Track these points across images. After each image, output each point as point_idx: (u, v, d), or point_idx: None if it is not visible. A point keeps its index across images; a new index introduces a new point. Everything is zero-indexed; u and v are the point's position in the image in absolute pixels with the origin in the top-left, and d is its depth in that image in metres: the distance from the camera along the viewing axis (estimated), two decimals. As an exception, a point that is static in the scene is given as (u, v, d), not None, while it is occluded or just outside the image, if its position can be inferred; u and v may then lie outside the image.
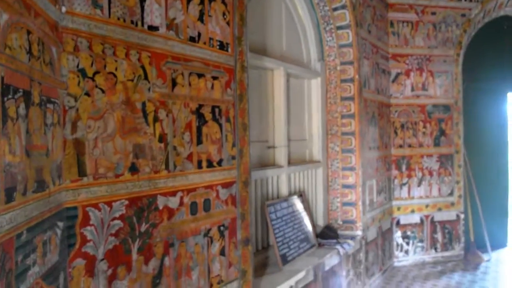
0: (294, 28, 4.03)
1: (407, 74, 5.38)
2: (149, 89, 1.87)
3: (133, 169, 1.78)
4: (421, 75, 5.43)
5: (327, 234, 4.06)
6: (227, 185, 2.38)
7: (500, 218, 5.98)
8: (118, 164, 1.71)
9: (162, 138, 1.94)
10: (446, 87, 5.50)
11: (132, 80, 1.79)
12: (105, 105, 1.66)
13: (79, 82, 1.56)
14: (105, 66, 1.66)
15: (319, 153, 4.31)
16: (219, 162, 2.33)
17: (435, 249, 5.43)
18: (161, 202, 1.93)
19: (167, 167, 1.97)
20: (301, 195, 3.87)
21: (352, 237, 4.13)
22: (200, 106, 2.19)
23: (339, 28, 4.26)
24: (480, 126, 5.89)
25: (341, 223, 4.32)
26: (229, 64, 2.40)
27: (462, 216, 5.53)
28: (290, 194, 3.71)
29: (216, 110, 2.31)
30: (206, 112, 2.23)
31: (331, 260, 3.60)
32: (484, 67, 5.87)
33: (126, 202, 1.75)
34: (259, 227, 3.36)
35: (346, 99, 4.34)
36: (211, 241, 2.25)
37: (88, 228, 1.57)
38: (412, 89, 5.41)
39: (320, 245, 3.81)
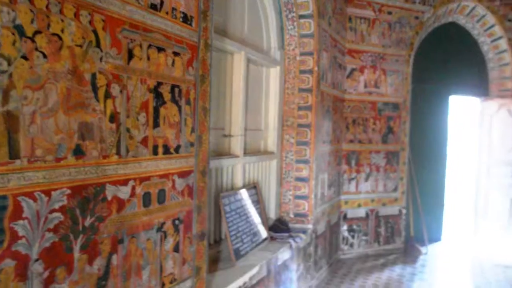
0: (256, 12, 3.84)
1: (362, 70, 5.44)
2: (101, 59, 1.59)
3: (78, 152, 1.51)
4: (375, 73, 5.51)
5: (279, 227, 3.97)
6: (184, 175, 2.16)
7: (437, 214, 6.31)
8: (59, 145, 1.43)
9: (113, 118, 1.67)
10: (396, 86, 5.64)
11: (81, 46, 1.50)
12: (46, 73, 1.36)
13: (14, 42, 1.26)
14: (48, 26, 1.36)
15: (274, 145, 4.19)
16: (177, 149, 2.09)
17: (378, 242, 5.60)
18: (110, 191, 1.67)
19: (118, 152, 1.71)
20: (255, 186, 3.73)
21: (304, 231, 4.08)
22: (159, 84, 1.94)
23: (301, 17, 4.15)
24: (423, 125, 6.14)
25: (292, 216, 4.25)
26: (192, 40, 2.16)
27: (404, 211, 5.75)
28: (245, 186, 3.55)
29: (176, 90, 2.07)
30: (165, 91, 1.98)
31: (283, 254, 3.51)
32: (430, 70, 6.12)
33: (68, 192, 1.47)
34: (211, 219, 3.16)
35: (304, 90, 4.25)
36: (165, 236, 2.02)
37: (20, 222, 1.29)
38: (365, 86, 5.48)
39: (272, 238, 3.70)
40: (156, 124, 1.93)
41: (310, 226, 4.21)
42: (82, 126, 1.51)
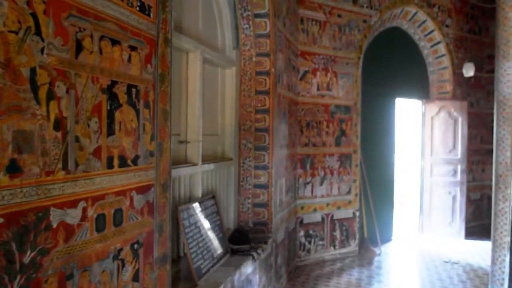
0: (210, 9, 3.59)
1: (314, 73, 5.38)
2: (42, 51, 1.25)
3: (14, 169, 1.16)
4: (327, 75, 5.49)
5: (239, 239, 3.72)
6: (143, 190, 1.85)
7: (387, 214, 6.45)
8: (-13, 161, 1.08)
9: (59, 125, 1.34)
10: (347, 88, 5.66)
11: (17, 33, 1.16)
12: (-34, 65, 1.02)
13: None
14: (-33, 2, 1.02)
15: (231, 150, 3.95)
16: (135, 160, 1.78)
17: (334, 246, 5.57)
18: (55, 217, 1.33)
19: (65, 167, 1.37)
20: (214, 196, 3.46)
21: (264, 240, 3.88)
22: (113, 83, 1.62)
23: (257, 16, 3.96)
24: (372, 127, 6.24)
25: (252, 225, 4.03)
26: (150, 33, 1.86)
27: (357, 213, 5.78)
28: (203, 196, 3.27)
29: (133, 90, 1.76)
30: (121, 92, 1.67)
31: (246, 268, 3.27)
32: (377, 73, 6.24)
33: (1, 220, 1.12)
34: (170, 236, 2.84)
35: (261, 92, 4.07)
36: (123, 265, 1.70)
37: None
38: (318, 88, 5.43)
39: (233, 251, 3.46)
40: (111, 131, 1.61)
41: (270, 235, 4.01)
42: (18, 136, 1.17)
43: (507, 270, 3.45)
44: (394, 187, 6.68)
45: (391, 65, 6.36)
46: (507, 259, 3.41)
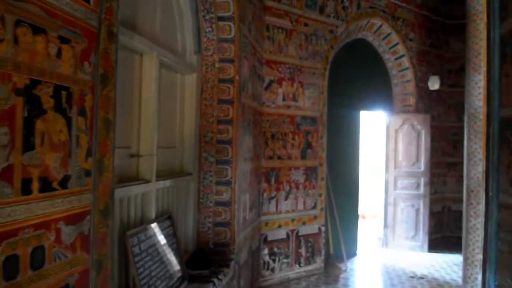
0: (169, 8, 3.25)
1: (280, 82, 5.15)
2: None
3: None
4: (293, 85, 5.27)
5: (198, 263, 3.35)
6: (75, 219, 1.47)
7: (352, 228, 6.29)
8: None
9: None
10: (313, 99, 5.48)
11: None
12: None
13: None
14: None
15: (190, 164, 3.59)
16: (63, 182, 1.40)
17: (299, 264, 5.30)
18: None
19: (-48, 196, 0.98)
20: (170, 216, 3.08)
21: (226, 263, 3.53)
22: (34, 83, 1.25)
23: (220, 19, 3.66)
24: (337, 140, 6.09)
25: (213, 247, 3.67)
26: (90, 23, 1.51)
27: (323, 229, 5.56)
28: (158, 217, 2.89)
29: (63, 93, 1.39)
30: (45, 95, 1.30)
31: (206, 297, 2.91)
32: (343, 84, 6.12)
33: None
34: (115, 264, 2.43)
35: (224, 102, 3.75)
36: (44, 319, 1.30)
37: None
38: (284, 99, 5.20)
39: (191, 277, 3.08)
40: (28, 146, 1.23)
41: (233, 256, 3.67)
42: None
43: (479, 289, 3.32)
44: (359, 200, 6.55)
45: (357, 76, 6.28)
46: (480, 277, 3.28)
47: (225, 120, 3.75)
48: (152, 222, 2.73)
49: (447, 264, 5.86)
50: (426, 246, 6.49)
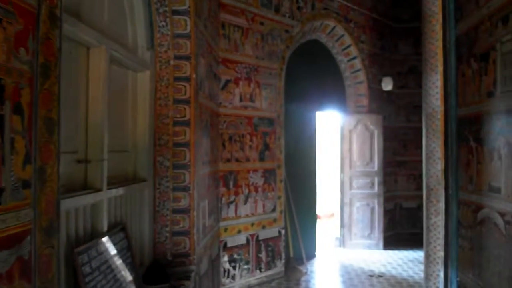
0: (119, -2, 2.96)
1: (236, 82, 4.97)
2: None
3: None
4: (249, 86, 5.12)
5: (155, 277, 3.08)
6: (12, 242, 1.19)
7: (311, 230, 6.26)
8: None
9: None
10: (270, 100, 5.37)
11: None
12: None
13: None
14: None
15: (145, 170, 3.30)
16: (-5, 195, 1.12)
17: (260, 269, 5.14)
18: None
19: None
20: (124, 228, 2.79)
21: (186, 275, 3.28)
22: (-50, 71, 0.97)
23: (175, 12, 3.42)
24: (294, 141, 6.04)
25: (171, 258, 3.41)
26: (26, 1, 1.23)
27: (283, 232, 5.45)
28: (110, 229, 2.59)
29: (-8, 86, 1.11)
30: (-34, 87, 1.02)
31: (166, 315, 2.65)
32: (299, 85, 6.08)
33: None
34: (62, 285, 2.11)
35: (180, 101, 3.50)
36: None
37: None
38: (241, 99, 5.03)
39: (149, 294, 2.81)
40: None
41: (193, 267, 3.43)
42: None
43: (441, 285, 3.35)
44: (317, 201, 6.54)
45: (312, 77, 6.27)
46: (442, 274, 3.32)
47: (181, 121, 3.50)
48: (104, 235, 2.44)
49: (403, 261, 5.99)
50: (381, 244, 6.62)
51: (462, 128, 3.24)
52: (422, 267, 5.58)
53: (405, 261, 5.98)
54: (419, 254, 6.33)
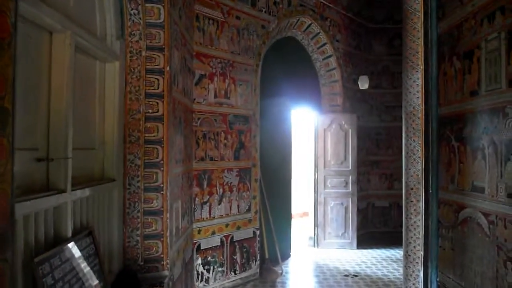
0: (86, -19, 2.70)
1: (211, 78, 4.78)
2: None
3: None
4: (224, 81, 4.94)
5: (126, 284, 2.86)
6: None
7: (286, 230, 6.15)
8: None
9: None
10: (246, 97, 5.21)
11: None
12: None
13: None
14: None
15: (114, 169, 3.06)
16: None
17: (234, 271, 4.97)
18: None
19: None
20: (90, 232, 2.55)
21: (159, 281, 3.07)
22: None
23: (148, 0, 3.19)
24: (269, 139, 5.91)
25: (142, 263, 3.18)
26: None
27: (258, 232, 5.31)
28: (75, 234, 2.34)
29: None
30: None
31: (138, 327, 2.44)
32: (274, 82, 5.96)
33: None
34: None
35: (152, 96, 3.28)
36: None
37: None
38: (215, 96, 4.83)
39: (118, 304, 2.58)
40: None
41: (166, 273, 3.22)
42: None
43: (421, 286, 3.31)
44: (292, 201, 6.44)
45: (287, 75, 6.15)
46: (421, 274, 3.28)
47: (154, 117, 3.28)
48: (69, 241, 2.20)
49: (376, 260, 6.00)
50: (355, 243, 6.61)
51: (443, 127, 3.21)
52: (395, 265, 5.62)
53: (379, 260, 5.99)
54: (391, 253, 6.37)
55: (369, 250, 6.51)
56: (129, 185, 3.20)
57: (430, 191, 3.21)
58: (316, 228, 6.72)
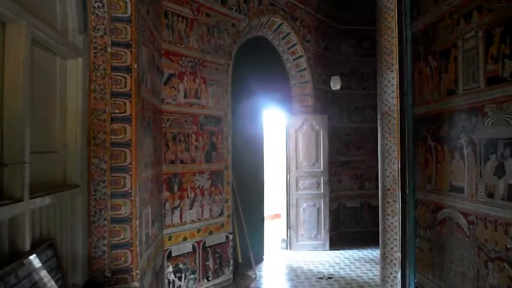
0: (44, -31, 2.47)
1: (181, 77, 4.59)
2: None
3: None
4: (195, 81, 4.76)
5: (92, 299, 2.63)
6: None
7: (259, 233, 6.04)
8: None
9: None
10: (217, 97, 5.05)
11: None
12: None
13: None
14: None
15: (77, 174, 2.82)
16: None
17: (207, 278, 4.79)
18: None
19: None
20: (52, 244, 2.31)
21: (129, 294, 2.86)
22: None
23: (113, -8, 2.98)
24: (241, 141, 5.78)
25: (109, 275, 2.96)
26: None
27: (231, 237, 5.16)
28: (35, 247, 2.11)
29: None
30: None
31: None
32: (245, 82, 5.83)
33: None
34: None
35: (119, 95, 3.07)
36: None
37: None
38: (185, 96, 4.65)
39: (83, 322, 2.36)
40: None
41: (136, 284, 3.01)
42: None
43: (399, 287, 3.28)
44: (264, 203, 6.34)
45: (259, 75, 6.05)
46: (399, 275, 3.25)
47: (121, 117, 3.07)
48: (27, 256, 1.97)
49: (349, 261, 6.00)
50: (327, 244, 6.59)
51: (419, 127, 3.20)
52: (369, 266, 5.63)
53: (352, 261, 5.99)
54: (364, 253, 6.40)
55: (342, 251, 6.51)
56: (95, 191, 2.97)
57: (407, 191, 3.19)
58: (288, 230, 6.65)
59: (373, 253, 6.35)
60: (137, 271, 3.04)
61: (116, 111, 3.05)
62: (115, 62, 3.04)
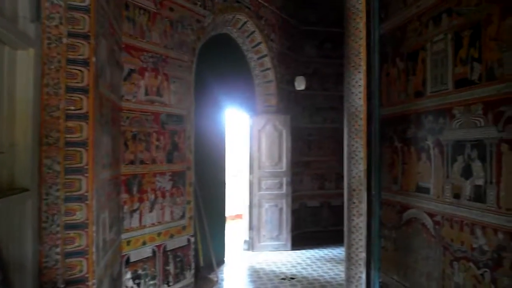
0: None
1: (142, 73, 4.36)
2: None
3: None
4: (157, 78, 4.55)
5: (43, 313, 2.40)
6: None
7: (220, 235, 5.91)
8: None
9: None
10: (180, 95, 4.86)
11: None
12: None
13: None
14: None
15: (26, 176, 2.56)
16: None
17: (168, 283, 4.61)
18: None
19: None
20: (-4, 255, 2.07)
21: (84, 306, 2.64)
22: None
23: (70, -22, 2.74)
24: (203, 140, 5.63)
25: (63, 286, 2.71)
26: None
27: (192, 240, 4.99)
28: (-25, 261, 1.87)
29: None
30: None
31: None
32: (209, 81, 5.70)
33: None
34: None
35: (75, 90, 2.82)
36: None
37: None
38: (147, 93, 4.43)
39: None
40: None
41: (92, 294, 2.79)
42: None
43: (363, 287, 3.30)
44: (226, 204, 6.22)
45: (222, 73, 5.93)
46: (364, 275, 3.26)
47: (76, 114, 2.82)
48: (-35, 271, 1.73)
49: (311, 260, 6.03)
50: (289, 245, 6.60)
51: (386, 128, 3.24)
52: (330, 265, 5.68)
53: (313, 261, 6.03)
54: (324, 253, 6.46)
55: (303, 251, 6.54)
56: (46, 195, 2.71)
57: (373, 192, 3.21)
58: (251, 231, 6.58)
59: (333, 252, 6.43)
60: (94, 281, 2.82)
61: (72, 108, 2.80)
62: (71, 54, 2.80)
